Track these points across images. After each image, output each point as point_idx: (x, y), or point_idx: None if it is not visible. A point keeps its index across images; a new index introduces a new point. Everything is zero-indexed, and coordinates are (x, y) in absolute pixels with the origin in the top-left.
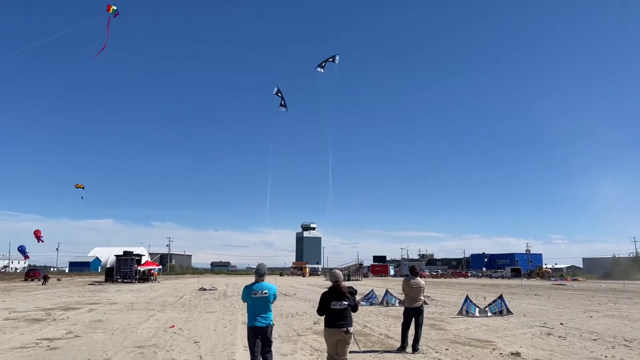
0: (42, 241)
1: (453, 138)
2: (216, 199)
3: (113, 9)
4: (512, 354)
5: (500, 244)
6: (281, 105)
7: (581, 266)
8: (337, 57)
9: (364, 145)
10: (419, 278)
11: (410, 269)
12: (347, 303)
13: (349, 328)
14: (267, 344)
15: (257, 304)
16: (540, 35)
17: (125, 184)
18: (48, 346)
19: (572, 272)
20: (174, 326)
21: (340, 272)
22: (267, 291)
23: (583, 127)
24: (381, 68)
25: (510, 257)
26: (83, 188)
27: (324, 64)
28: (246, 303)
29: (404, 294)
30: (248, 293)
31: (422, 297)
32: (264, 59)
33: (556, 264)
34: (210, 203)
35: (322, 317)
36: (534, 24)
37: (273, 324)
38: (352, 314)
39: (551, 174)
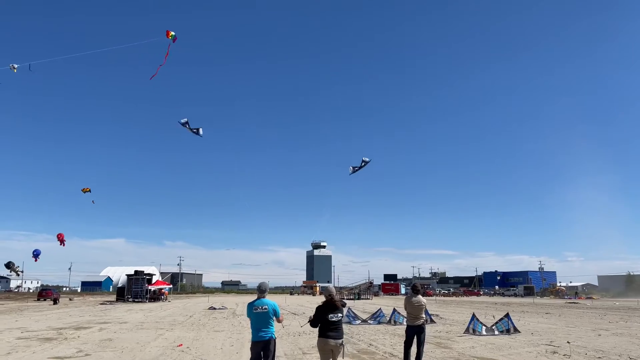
0: (64, 244)
1: (465, 153)
2: (227, 218)
3: (172, 35)
4: None
5: (514, 261)
6: (195, 132)
7: (596, 284)
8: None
9: (376, 158)
10: (420, 296)
11: (412, 287)
12: (341, 315)
13: (342, 340)
14: (268, 356)
15: (259, 318)
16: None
17: (136, 202)
18: None
19: (587, 290)
20: (181, 345)
21: (333, 288)
22: (266, 306)
23: (599, 143)
24: (390, 76)
25: (523, 275)
26: (90, 191)
27: (358, 168)
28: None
29: (406, 312)
30: (250, 309)
31: (424, 315)
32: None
33: (570, 282)
34: (221, 222)
35: (311, 327)
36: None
37: (275, 338)
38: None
39: (566, 191)
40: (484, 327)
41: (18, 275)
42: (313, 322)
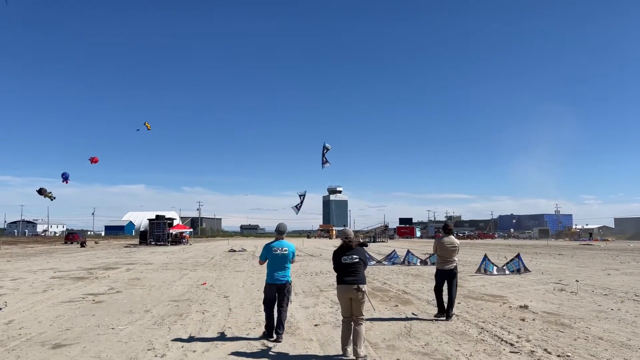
0: (96, 162)
1: (482, 97)
2: (245, 164)
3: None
4: (520, 307)
5: (530, 205)
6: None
7: (613, 226)
8: (327, 145)
9: (390, 104)
10: (452, 237)
11: (443, 227)
12: (357, 257)
13: (361, 285)
14: (283, 300)
15: (277, 261)
16: None
17: (156, 150)
18: (93, 300)
19: (602, 233)
20: (205, 283)
21: (350, 231)
22: (286, 249)
23: (619, 85)
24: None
25: (539, 218)
26: (149, 128)
27: (324, 159)
28: (265, 262)
29: (436, 255)
30: (268, 250)
31: (456, 258)
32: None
33: (587, 225)
34: (239, 168)
35: (334, 271)
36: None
37: (291, 282)
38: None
39: (583, 133)
40: (495, 267)
41: (52, 199)
42: (334, 266)
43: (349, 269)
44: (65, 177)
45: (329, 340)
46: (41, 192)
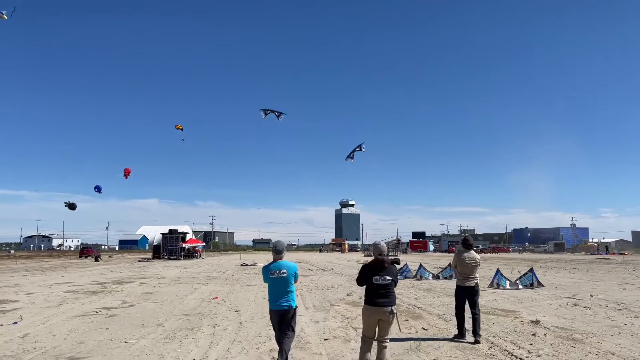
0: (128, 172)
1: (496, 110)
2: (257, 179)
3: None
4: (532, 321)
5: (545, 218)
6: (278, 116)
7: (630, 240)
8: (364, 146)
9: (404, 115)
10: (473, 252)
11: (463, 242)
12: (390, 279)
13: (393, 308)
14: (288, 327)
15: (276, 285)
16: None
17: (169, 164)
18: (107, 314)
19: (619, 247)
20: (217, 297)
21: (384, 245)
22: (285, 270)
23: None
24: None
25: (554, 232)
26: (182, 129)
27: (352, 154)
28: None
29: (456, 271)
30: (266, 274)
31: (477, 275)
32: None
33: (604, 238)
34: (251, 182)
35: (358, 289)
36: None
37: (296, 307)
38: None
39: (600, 146)
40: (507, 282)
41: (72, 209)
42: (358, 280)
43: (381, 290)
44: (98, 189)
45: (338, 354)
46: (71, 206)
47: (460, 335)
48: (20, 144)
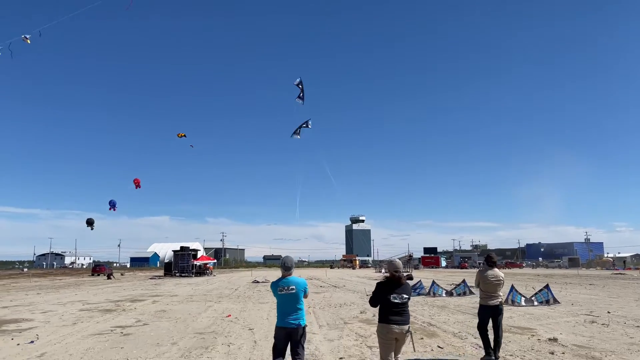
0: (139, 187)
1: (507, 122)
2: (267, 194)
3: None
4: (550, 339)
5: (558, 233)
6: (299, 97)
7: None
8: (310, 122)
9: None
10: (496, 269)
11: (486, 259)
12: (407, 297)
13: (409, 326)
14: (297, 346)
15: (285, 301)
16: None
17: (179, 181)
18: (122, 332)
19: (635, 261)
20: (230, 315)
21: (400, 262)
22: (294, 287)
23: None
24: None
25: (568, 247)
26: (185, 136)
27: (298, 130)
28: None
29: (478, 289)
30: (275, 290)
31: (501, 294)
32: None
33: (619, 253)
34: (261, 198)
35: (371, 308)
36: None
37: (305, 325)
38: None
39: (612, 159)
40: (523, 298)
41: (92, 229)
42: (372, 301)
43: (397, 308)
44: (112, 205)
45: None
46: (89, 222)
47: (487, 355)
48: (33, 162)
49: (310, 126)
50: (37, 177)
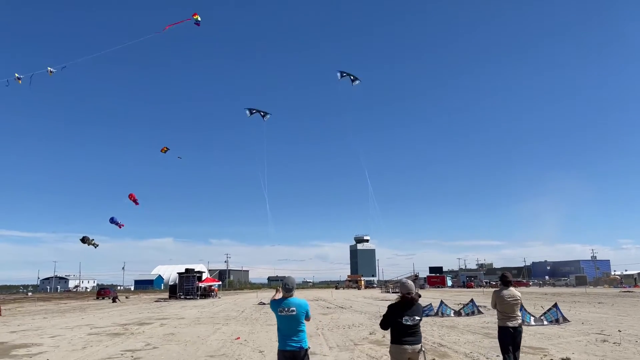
0: (138, 203)
1: (512, 142)
2: (271, 215)
3: (197, 18)
4: (562, 359)
5: (564, 250)
6: (355, 79)
7: None
8: (358, 82)
9: (416, 152)
10: (513, 289)
11: (501, 278)
12: (419, 318)
13: (422, 346)
14: None
15: (286, 323)
16: None
17: (183, 203)
18: (132, 356)
19: None
20: (239, 338)
21: (412, 283)
22: (294, 309)
23: None
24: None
25: (574, 265)
26: (167, 150)
27: (345, 74)
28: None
29: (496, 310)
30: (275, 309)
31: (520, 314)
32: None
33: (626, 270)
34: (265, 219)
35: (381, 329)
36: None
37: (307, 348)
38: None
39: (617, 176)
40: (532, 318)
41: (95, 247)
42: (383, 323)
43: (410, 329)
44: (115, 222)
45: None
46: (84, 240)
47: None
48: (37, 186)
49: (355, 84)
50: (40, 201)
